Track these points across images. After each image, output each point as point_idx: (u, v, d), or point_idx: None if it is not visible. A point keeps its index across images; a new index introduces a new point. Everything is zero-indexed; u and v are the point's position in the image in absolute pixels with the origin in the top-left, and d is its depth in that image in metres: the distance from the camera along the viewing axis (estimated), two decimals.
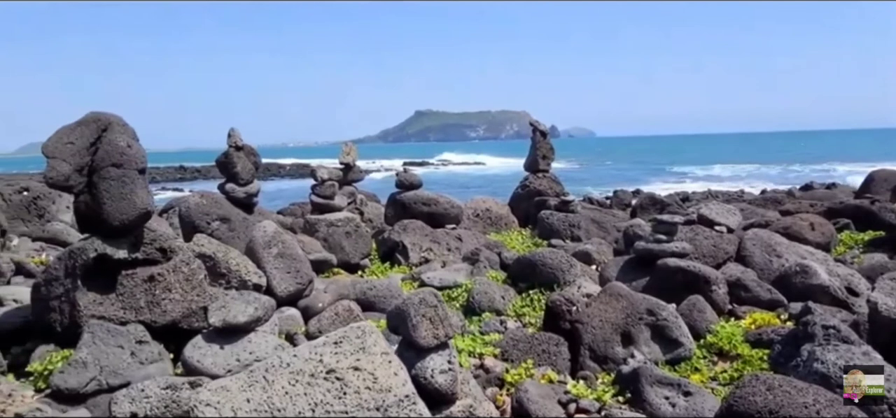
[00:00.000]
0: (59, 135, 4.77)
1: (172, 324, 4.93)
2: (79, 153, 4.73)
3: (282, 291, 6.03)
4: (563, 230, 10.68)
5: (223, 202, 8.04)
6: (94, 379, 4.29)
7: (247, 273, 5.93)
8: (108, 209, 4.69)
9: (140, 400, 3.99)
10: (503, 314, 6.90)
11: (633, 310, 5.62)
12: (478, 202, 13.16)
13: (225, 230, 7.66)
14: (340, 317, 5.39)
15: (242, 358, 4.66)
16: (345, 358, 2.84)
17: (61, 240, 7.63)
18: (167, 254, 5.08)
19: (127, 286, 4.86)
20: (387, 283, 7.33)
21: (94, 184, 4.74)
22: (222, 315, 4.69)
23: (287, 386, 2.67)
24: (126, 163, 4.76)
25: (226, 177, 8.35)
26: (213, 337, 4.72)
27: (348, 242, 9.44)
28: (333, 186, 10.35)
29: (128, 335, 4.57)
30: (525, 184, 13.74)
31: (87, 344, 4.41)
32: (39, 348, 4.75)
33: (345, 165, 12.41)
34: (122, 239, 4.85)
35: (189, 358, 4.56)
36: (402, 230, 9.96)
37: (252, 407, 2.58)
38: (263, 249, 6.20)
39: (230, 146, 8.26)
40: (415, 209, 10.83)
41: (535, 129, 13.93)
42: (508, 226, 12.69)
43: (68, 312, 4.74)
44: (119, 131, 4.85)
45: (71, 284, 4.76)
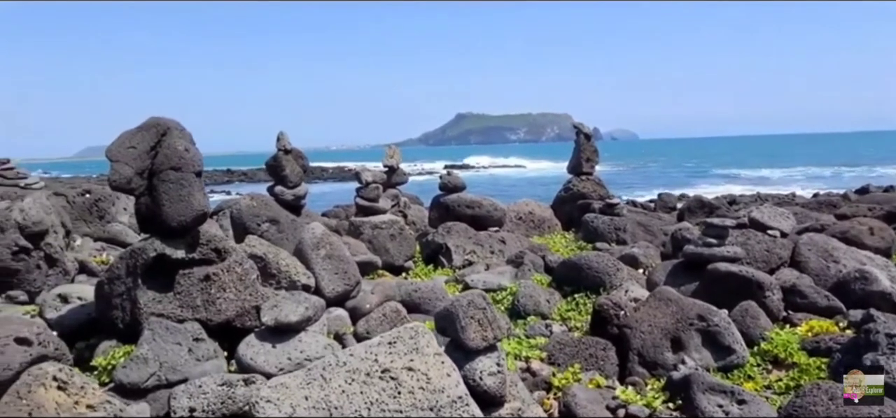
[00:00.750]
0: (122, 139, 4.97)
1: (226, 323, 5.08)
2: (140, 157, 4.92)
3: (330, 292, 6.14)
4: (608, 233, 10.54)
5: (272, 204, 8.24)
6: (154, 374, 4.46)
7: (296, 274, 6.05)
8: (167, 210, 4.87)
9: (198, 396, 4.12)
10: (548, 318, 6.86)
11: (684, 316, 5.51)
12: (521, 205, 13.12)
13: (274, 232, 7.84)
14: (388, 319, 5.45)
15: (293, 356, 4.76)
16: (399, 359, 2.89)
17: (120, 240, 7.95)
18: (221, 255, 5.23)
19: (184, 285, 5.03)
20: (431, 285, 7.38)
21: (154, 186, 4.93)
22: (274, 314, 4.80)
23: (343, 385, 2.73)
24: (184, 167, 4.93)
25: (275, 179, 8.54)
26: (265, 336, 4.84)
27: (393, 244, 9.53)
28: (378, 189, 10.46)
29: (185, 332, 4.73)
30: (568, 187, 13.63)
31: (147, 340, 4.59)
32: (103, 343, 4.97)
33: (389, 168, 12.54)
34: (179, 239, 5.03)
35: (243, 356, 4.69)
36: (445, 232, 10.00)
37: (310, 404, 2.65)
38: (312, 251, 6.32)
39: (279, 150, 8.45)
40: (458, 211, 10.87)
41: (579, 132, 13.80)
42: (551, 229, 12.61)
43: (129, 309, 4.93)
44: (177, 135, 5.03)
45: (132, 283, 4.95)
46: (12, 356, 4.30)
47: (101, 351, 4.85)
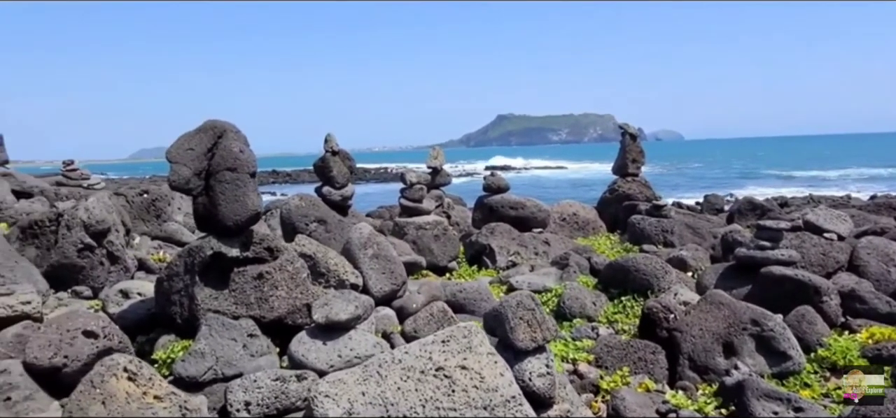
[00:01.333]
0: (181, 141, 5.16)
1: (278, 320, 5.20)
2: (198, 158, 5.10)
3: (377, 291, 6.22)
4: (655, 235, 10.37)
5: (320, 204, 8.40)
6: (210, 368, 4.61)
7: (345, 273, 6.16)
8: (223, 210, 5.03)
9: (252, 390, 4.24)
10: (595, 320, 6.80)
11: (736, 320, 5.39)
12: (564, 206, 13.03)
13: (322, 231, 8.00)
14: (435, 318, 5.50)
15: (344, 354, 4.85)
16: (452, 357, 2.92)
17: (176, 239, 8.24)
18: (274, 254, 5.37)
19: (238, 282, 5.19)
20: (476, 286, 7.40)
21: (211, 186, 5.09)
22: (325, 312, 4.90)
23: (399, 382, 2.78)
24: (239, 168, 5.08)
25: (322, 180, 8.71)
26: (316, 334, 4.94)
27: (437, 245, 9.60)
28: (422, 190, 10.54)
29: (240, 328, 4.87)
30: (613, 188, 13.47)
31: (204, 335, 4.75)
32: (162, 337, 5.16)
33: (432, 169, 12.62)
34: (234, 238, 5.19)
35: (295, 353, 4.80)
36: (489, 233, 10.01)
37: (367, 399, 2.71)
38: (360, 250, 6.42)
39: (326, 151, 8.61)
40: (502, 212, 10.87)
41: (625, 132, 13.62)
42: (596, 230, 12.48)
43: (187, 305, 5.11)
44: (233, 137, 5.19)
45: (189, 280, 5.13)
46: (80, 348, 4.54)
47: (161, 345, 5.05)
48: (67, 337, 4.55)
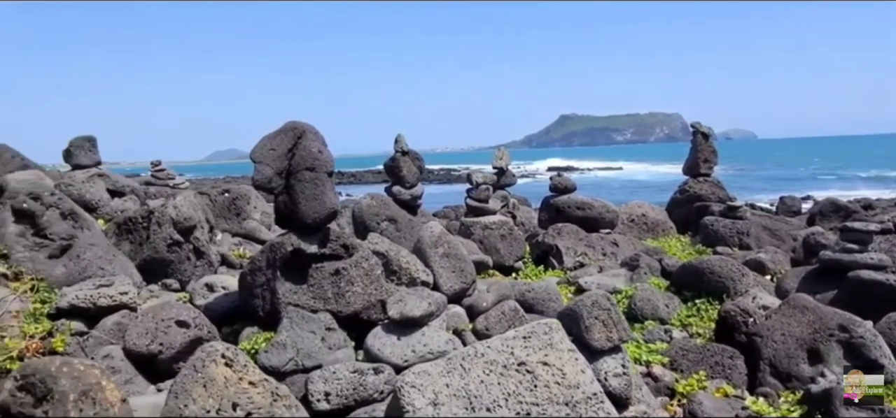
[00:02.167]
0: (263, 142, 5.41)
1: (354, 315, 5.37)
2: (279, 158, 5.33)
3: (447, 289, 6.31)
4: (729, 237, 10.02)
5: (390, 204, 8.58)
6: (292, 359, 4.81)
7: (416, 271, 6.27)
8: (303, 208, 5.24)
9: (332, 381, 4.40)
10: (667, 322, 6.66)
11: (822, 325, 5.16)
12: (633, 207, 12.77)
13: (392, 230, 8.17)
14: (506, 317, 5.53)
15: (418, 349, 4.97)
16: (534, 353, 2.96)
17: (255, 236, 8.62)
18: (350, 251, 5.54)
19: (316, 278, 5.39)
20: (544, 286, 7.38)
21: (291, 185, 5.32)
22: (400, 308, 5.03)
23: (482, 375, 2.84)
24: (318, 167, 5.29)
25: (392, 180, 8.89)
26: (390, 329, 5.08)
27: (503, 245, 9.62)
28: (488, 190, 10.59)
29: (319, 322, 5.06)
30: (684, 189, 13.10)
31: (286, 328, 4.96)
32: (246, 329, 5.42)
33: (498, 170, 12.64)
34: (313, 235, 5.40)
35: (371, 347, 4.95)
36: (556, 234, 9.94)
37: (451, 391, 2.78)
38: (431, 249, 6.53)
39: (397, 151, 8.79)
40: (569, 213, 10.77)
41: (696, 131, 13.22)
42: (665, 232, 12.18)
43: (269, 299, 5.35)
44: (312, 138, 5.40)
45: (271, 274, 5.37)
46: (174, 336, 4.84)
47: (245, 336, 5.30)
48: (162, 326, 4.86)
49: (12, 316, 5.04)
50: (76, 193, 7.84)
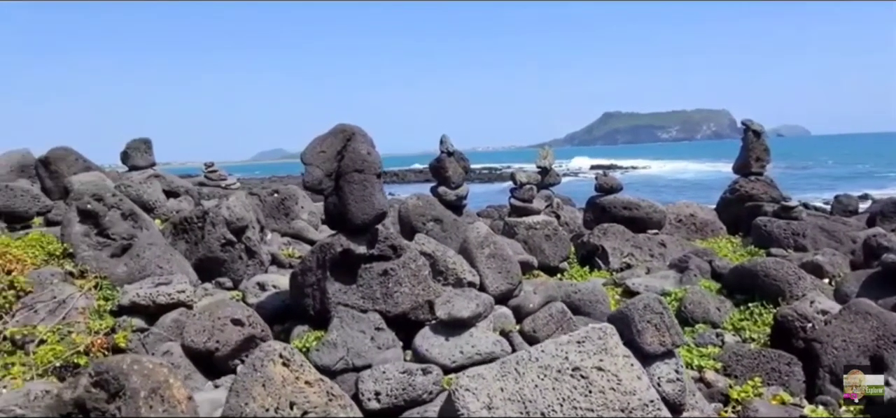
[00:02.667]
0: (313, 144, 5.51)
1: (402, 315, 5.42)
2: (329, 160, 5.42)
3: (494, 290, 6.31)
4: (784, 238, 9.70)
5: (436, 204, 8.63)
6: (342, 358, 4.89)
7: (462, 271, 6.29)
8: (352, 209, 5.32)
9: (382, 381, 4.46)
10: (719, 326, 6.51)
11: (887, 332, 4.96)
12: (681, 206, 12.51)
13: (438, 230, 8.21)
14: (554, 319, 5.50)
15: (466, 350, 4.99)
16: (588, 358, 2.93)
17: (303, 236, 8.80)
18: (398, 251, 5.60)
19: (365, 278, 5.46)
20: (591, 287, 7.30)
21: (341, 187, 5.40)
22: (448, 309, 5.06)
23: (536, 380, 2.83)
24: (367, 169, 5.36)
25: (438, 180, 8.94)
26: (438, 330, 5.12)
27: (548, 245, 9.56)
28: (532, 190, 10.54)
29: (368, 322, 5.13)
30: (735, 188, 12.75)
31: (336, 327, 5.05)
32: (296, 328, 5.53)
33: (542, 169, 12.56)
34: (361, 236, 5.47)
35: (419, 347, 5.00)
36: (602, 234, 9.83)
37: (505, 395, 2.79)
38: (477, 249, 6.54)
39: (442, 152, 8.83)
40: (615, 213, 10.62)
41: (748, 129, 12.85)
42: (715, 232, 11.89)
43: (319, 298, 5.45)
44: (360, 140, 5.47)
45: (321, 274, 5.47)
46: (230, 334, 4.98)
47: (296, 335, 5.41)
48: (218, 324, 5.01)
49: (79, 313, 5.27)
50: (134, 194, 8.14)
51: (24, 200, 7.54)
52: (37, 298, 5.31)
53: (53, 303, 5.31)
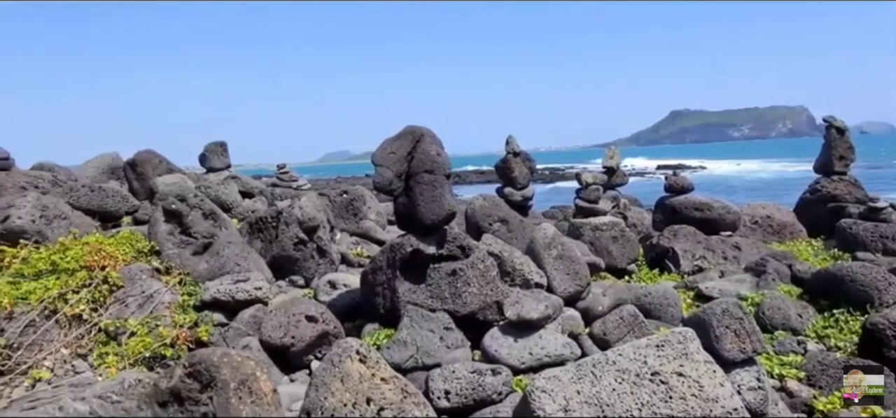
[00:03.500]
0: (384, 146, 5.62)
1: (471, 315, 5.45)
2: (399, 161, 5.52)
3: (561, 292, 6.25)
4: (871, 242, 9.16)
5: (502, 204, 8.63)
6: (412, 357, 4.97)
7: (529, 272, 6.27)
8: (422, 210, 5.40)
9: (452, 380, 4.50)
10: (801, 334, 6.21)
11: None
12: (756, 207, 12.00)
13: (504, 231, 8.21)
14: (625, 322, 5.40)
15: (534, 352, 4.97)
16: (668, 363, 2.87)
17: (371, 235, 8.98)
18: (466, 252, 5.64)
19: (434, 278, 5.52)
20: (662, 290, 7.11)
21: (410, 188, 5.48)
22: (517, 310, 5.06)
23: (614, 384, 2.80)
24: (436, 170, 5.42)
25: (503, 181, 8.93)
26: (507, 330, 5.12)
27: (615, 247, 9.39)
28: (598, 190, 10.38)
29: (437, 321, 5.19)
30: (816, 188, 12.12)
31: (406, 326, 5.13)
32: (367, 325, 5.66)
33: (608, 169, 12.33)
34: (431, 236, 5.54)
35: (488, 347, 5.02)
36: (672, 236, 9.56)
37: (582, 398, 2.77)
38: (544, 250, 6.50)
39: (508, 152, 8.82)
40: (686, 214, 10.30)
41: (830, 126, 12.19)
42: (794, 235, 11.34)
43: (389, 297, 5.56)
44: (430, 141, 5.54)
45: (391, 274, 5.57)
46: (304, 330, 5.15)
47: (367, 332, 5.54)
48: (293, 320, 5.19)
49: (165, 307, 5.58)
50: (213, 195, 8.53)
51: (115, 200, 8.04)
52: (127, 293, 5.65)
53: (142, 298, 5.63)
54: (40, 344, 5.05)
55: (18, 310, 5.12)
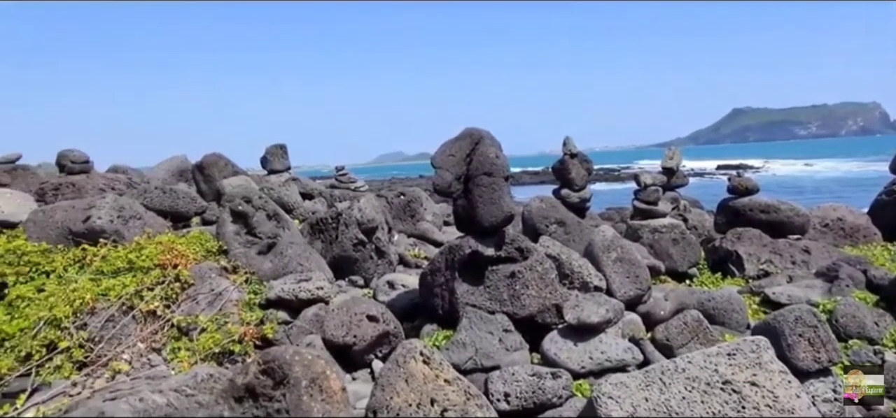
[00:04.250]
0: (443, 148, 5.67)
1: (530, 318, 5.44)
2: (458, 164, 5.56)
3: (621, 295, 6.15)
4: None
5: (559, 206, 8.56)
6: (471, 358, 4.99)
7: (588, 275, 6.20)
8: (481, 212, 5.42)
9: (511, 383, 4.50)
10: (878, 343, 5.90)
11: None
12: (827, 209, 11.47)
13: (561, 233, 8.14)
14: (689, 328, 5.27)
15: (595, 357, 4.92)
16: (740, 372, 2.80)
17: (428, 237, 9.07)
18: (524, 254, 5.62)
19: (492, 280, 5.54)
20: (726, 295, 6.90)
21: (469, 190, 5.51)
22: (577, 313, 5.01)
23: (683, 392, 2.75)
24: (495, 172, 5.43)
25: (561, 182, 8.85)
26: (567, 334, 5.08)
27: (675, 249, 9.17)
28: (657, 191, 10.15)
29: (496, 323, 5.20)
30: (892, 189, 11.49)
31: (465, 327, 5.16)
32: (425, 326, 5.72)
33: (667, 170, 12.04)
34: (489, 238, 5.55)
35: (547, 351, 4.99)
36: (736, 239, 9.26)
37: (650, 406, 2.73)
38: (603, 253, 6.42)
39: (565, 153, 8.74)
40: (750, 216, 9.95)
41: None
42: (867, 238, 10.78)
43: (448, 298, 5.60)
44: (489, 144, 5.55)
45: (450, 275, 5.61)
46: (365, 330, 5.25)
47: (425, 333, 5.60)
48: (355, 319, 5.30)
49: (233, 305, 5.79)
50: (276, 196, 8.79)
51: (185, 202, 8.40)
52: (198, 290, 5.89)
53: (211, 295, 5.86)
54: (119, 339, 5.33)
55: (99, 305, 5.42)
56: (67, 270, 6.07)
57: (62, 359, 4.89)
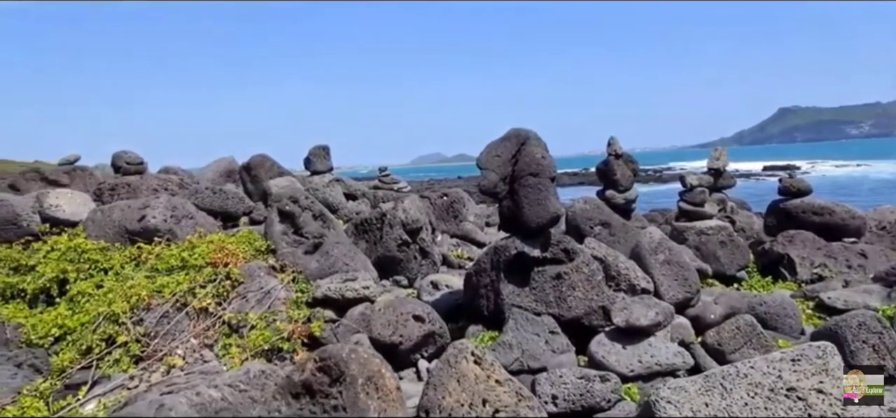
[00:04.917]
0: (489, 149, 5.66)
1: (576, 320, 5.39)
2: (504, 164, 5.55)
3: (669, 298, 6.04)
4: None
5: (604, 208, 8.46)
6: (517, 359, 4.97)
7: (635, 277, 6.09)
8: (527, 213, 5.39)
9: (559, 385, 4.46)
10: None
11: None
12: (884, 212, 11.01)
13: (606, 234, 8.04)
14: (742, 333, 5.13)
15: (644, 360, 4.84)
16: (806, 378, 2.71)
17: (471, 237, 9.08)
18: (570, 255, 5.57)
19: (538, 281, 5.50)
20: (779, 299, 6.70)
21: (515, 190, 5.49)
22: (625, 316, 4.94)
23: (746, 397, 2.68)
24: (541, 173, 5.40)
25: (605, 184, 8.74)
26: (615, 336, 5.02)
27: (723, 252, 8.96)
28: (704, 193, 9.94)
29: (542, 325, 5.17)
30: None
31: (511, 328, 5.15)
32: (470, 327, 5.72)
33: (714, 171, 11.76)
34: (535, 239, 5.52)
35: (595, 353, 4.93)
36: (787, 241, 8.99)
37: (710, 411, 2.67)
38: (650, 255, 6.31)
39: (610, 154, 8.63)
40: (802, 218, 9.65)
41: None
42: None
43: (493, 299, 5.59)
44: (535, 144, 5.53)
45: (495, 276, 5.60)
46: (412, 329, 5.29)
47: (470, 333, 5.60)
48: (401, 319, 5.34)
49: (281, 303, 5.90)
50: (321, 197, 8.93)
51: (234, 202, 8.60)
52: (247, 288, 6.02)
53: (260, 293, 5.99)
54: (173, 334, 5.50)
55: (155, 301, 5.59)
56: (124, 267, 6.29)
57: (120, 353, 5.07)
